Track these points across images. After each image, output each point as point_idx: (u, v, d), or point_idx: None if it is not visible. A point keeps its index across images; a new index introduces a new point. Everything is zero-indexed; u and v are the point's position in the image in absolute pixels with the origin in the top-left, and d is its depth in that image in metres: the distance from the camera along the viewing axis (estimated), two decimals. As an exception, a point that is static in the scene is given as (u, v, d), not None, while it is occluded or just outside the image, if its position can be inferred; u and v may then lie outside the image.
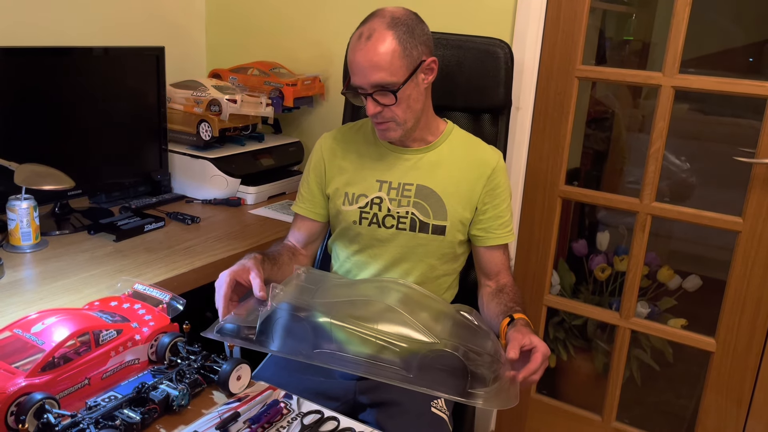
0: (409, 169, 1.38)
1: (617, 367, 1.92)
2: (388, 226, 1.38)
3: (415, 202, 1.37)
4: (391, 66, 1.24)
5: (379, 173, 1.40)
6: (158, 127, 1.91)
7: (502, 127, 1.59)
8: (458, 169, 1.38)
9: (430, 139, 1.39)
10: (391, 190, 1.38)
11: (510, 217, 1.41)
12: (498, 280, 1.40)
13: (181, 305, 1.23)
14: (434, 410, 1.25)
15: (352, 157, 1.43)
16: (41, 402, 0.94)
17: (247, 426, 1.00)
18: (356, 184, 1.41)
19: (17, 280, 1.37)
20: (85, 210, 1.81)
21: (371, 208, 1.39)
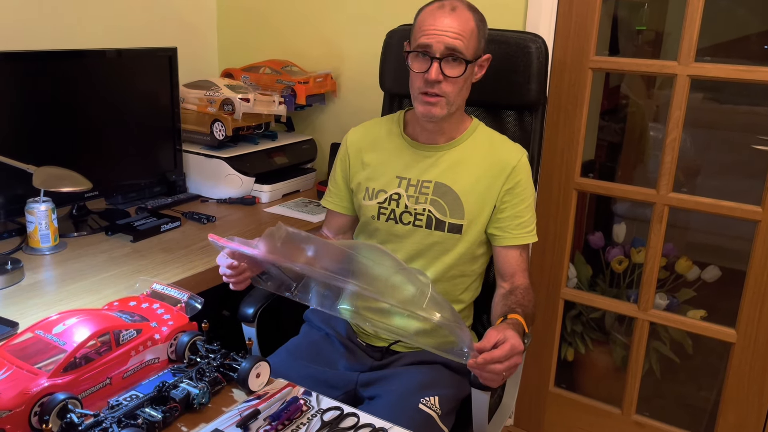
0: (429, 167, 1.38)
1: (636, 359, 1.90)
2: (405, 222, 1.38)
3: (433, 199, 1.36)
4: (470, 40, 1.28)
5: (400, 169, 1.40)
6: (172, 128, 1.92)
7: (536, 125, 1.52)
8: (478, 167, 1.36)
9: (455, 135, 1.38)
10: (409, 186, 1.38)
11: (531, 218, 1.38)
12: (513, 282, 1.37)
13: (199, 304, 1.23)
14: (421, 406, 1.24)
15: (376, 152, 1.44)
16: (64, 402, 0.95)
17: (267, 423, 1.00)
18: (377, 180, 1.42)
19: (37, 282, 1.39)
20: (102, 211, 1.83)
21: (389, 203, 1.39)
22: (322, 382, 1.35)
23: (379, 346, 1.44)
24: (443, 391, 1.29)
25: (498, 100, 1.55)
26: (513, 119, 1.56)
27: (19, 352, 1.04)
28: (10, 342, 1.06)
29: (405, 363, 1.38)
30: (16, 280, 1.37)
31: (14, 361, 1.01)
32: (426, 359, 1.37)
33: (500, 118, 1.57)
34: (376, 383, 1.34)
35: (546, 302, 1.99)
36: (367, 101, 2.13)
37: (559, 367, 2.09)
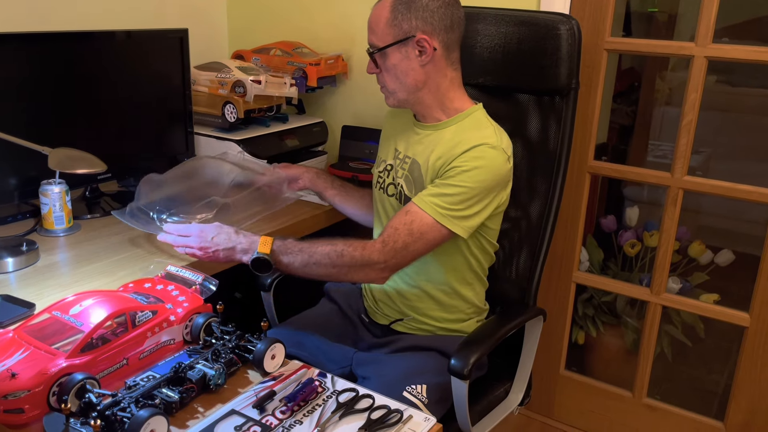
0: (414, 143, 1.39)
1: (648, 343, 1.90)
2: (389, 194, 1.42)
3: (406, 175, 1.38)
4: (378, 30, 1.31)
5: (398, 142, 1.44)
6: (183, 110, 1.91)
7: (568, 111, 1.45)
8: (448, 147, 1.32)
9: (442, 117, 1.37)
10: (396, 159, 1.42)
11: (450, 201, 1.26)
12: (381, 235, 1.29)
13: (214, 286, 1.24)
14: (406, 394, 1.25)
15: (393, 123, 1.49)
16: (82, 382, 0.96)
17: (283, 404, 1.01)
18: (384, 149, 1.49)
19: (52, 264, 1.39)
20: (115, 193, 1.83)
21: (383, 173, 1.45)
22: (323, 354, 1.40)
23: (380, 324, 1.47)
24: (433, 379, 1.28)
25: (525, 85, 1.51)
26: (541, 104, 1.50)
27: (36, 332, 1.04)
28: (28, 323, 1.07)
29: (400, 347, 1.40)
30: (31, 262, 1.37)
31: (32, 342, 1.02)
32: (422, 345, 1.38)
33: (527, 103, 1.52)
34: (369, 364, 1.36)
35: (558, 286, 1.99)
36: (379, 82, 2.11)
37: (570, 350, 2.09)
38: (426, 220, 1.27)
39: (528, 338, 1.44)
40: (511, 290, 1.50)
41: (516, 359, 1.47)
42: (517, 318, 1.39)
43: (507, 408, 1.42)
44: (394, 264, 1.29)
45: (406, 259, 1.29)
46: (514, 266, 1.52)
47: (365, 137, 2.14)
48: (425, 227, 1.27)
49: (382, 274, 1.29)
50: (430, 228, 1.27)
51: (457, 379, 1.22)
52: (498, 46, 1.49)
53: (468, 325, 1.43)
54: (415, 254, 1.29)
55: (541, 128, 1.48)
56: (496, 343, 1.29)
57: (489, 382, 1.45)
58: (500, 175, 1.30)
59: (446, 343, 1.38)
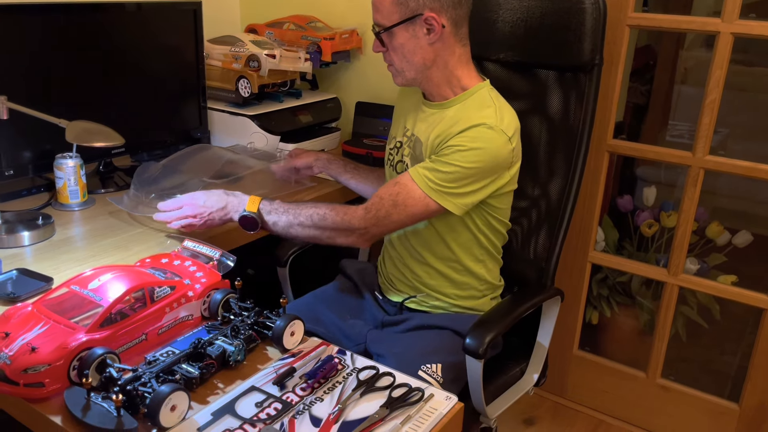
0: (420, 121, 1.37)
1: (664, 323, 1.89)
2: (399, 171, 1.41)
3: (412, 153, 1.37)
4: (383, 9, 1.28)
5: (408, 120, 1.42)
6: (197, 85, 1.89)
7: (591, 88, 1.41)
8: (447, 125, 1.29)
9: (449, 95, 1.34)
10: (405, 136, 1.40)
11: (443, 177, 1.24)
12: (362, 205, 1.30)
13: (232, 262, 1.23)
14: (421, 373, 1.24)
15: (405, 100, 1.47)
16: (103, 357, 0.96)
17: (303, 381, 1.00)
18: (395, 126, 1.47)
19: (68, 238, 1.38)
20: (128, 168, 1.82)
21: (393, 151, 1.44)
22: (339, 331, 1.41)
23: (394, 301, 1.47)
24: (448, 358, 1.28)
25: (547, 60, 1.47)
26: (563, 81, 1.46)
27: (55, 306, 1.04)
28: (46, 297, 1.06)
29: (413, 326, 1.39)
30: (47, 236, 1.37)
31: (51, 316, 1.01)
32: (435, 324, 1.37)
33: (548, 80, 1.48)
34: (383, 342, 1.35)
35: (573, 265, 1.97)
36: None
37: (583, 330, 2.08)
38: (414, 193, 1.26)
39: (545, 318, 1.43)
40: (529, 270, 1.49)
41: (532, 339, 1.46)
42: (534, 298, 1.37)
43: (522, 388, 1.42)
44: (376, 231, 1.30)
45: (388, 228, 1.31)
46: (532, 246, 1.50)
47: (379, 114, 2.11)
48: (411, 200, 1.27)
49: (361, 240, 1.31)
50: (417, 201, 1.27)
51: (472, 358, 1.21)
52: (520, 20, 1.45)
53: (482, 303, 1.42)
54: (397, 224, 1.30)
55: (563, 105, 1.45)
56: (512, 323, 1.28)
57: (504, 361, 1.44)
58: (499, 157, 1.26)
59: (460, 322, 1.37)
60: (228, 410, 0.93)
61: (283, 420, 0.92)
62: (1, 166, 1.46)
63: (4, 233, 1.32)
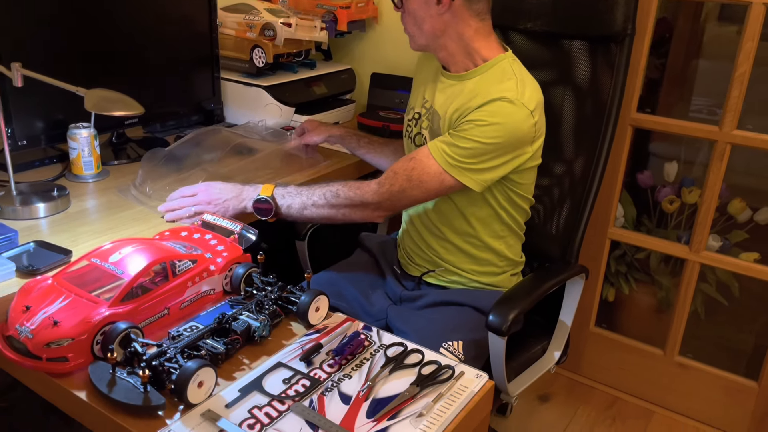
0: (440, 92, 1.34)
1: (683, 301, 1.86)
2: (417, 144, 1.38)
3: (430, 126, 1.34)
4: None
5: (427, 90, 1.38)
6: (210, 54, 1.85)
7: (621, 60, 1.36)
8: (467, 99, 1.26)
9: (469, 66, 1.30)
10: (423, 108, 1.37)
11: (461, 153, 1.21)
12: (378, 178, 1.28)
13: (254, 235, 1.20)
14: (443, 350, 1.22)
15: (425, 69, 1.43)
16: (127, 331, 0.94)
17: (330, 357, 0.98)
18: (414, 97, 1.44)
19: (83, 210, 1.36)
20: (140, 140, 1.78)
21: (411, 122, 1.40)
22: (360, 306, 1.40)
23: (413, 275, 1.45)
24: (469, 335, 1.26)
25: (576, 30, 1.41)
26: (593, 52, 1.40)
27: (76, 279, 1.02)
28: (66, 270, 1.04)
29: (432, 302, 1.37)
30: (62, 208, 1.34)
31: (72, 289, 0.99)
32: (454, 300, 1.35)
33: (577, 51, 1.43)
34: (404, 318, 1.34)
35: (592, 242, 1.94)
36: (411, 28, 2.03)
37: (600, 307, 2.06)
38: (430, 168, 1.23)
39: (568, 296, 1.41)
40: (552, 246, 1.46)
41: (554, 316, 1.44)
42: (559, 275, 1.35)
43: (543, 366, 1.40)
44: (389, 206, 1.28)
45: (401, 203, 1.29)
46: (555, 222, 1.47)
47: (395, 85, 2.07)
48: (426, 176, 1.24)
49: (375, 214, 1.29)
50: (432, 176, 1.24)
51: (495, 335, 1.19)
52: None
53: (501, 280, 1.40)
54: (411, 200, 1.28)
55: (592, 78, 1.40)
56: (535, 301, 1.26)
57: (525, 339, 1.42)
58: (519, 131, 1.22)
59: (480, 299, 1.35)
60: (255, 387, 0.91)
61: (312, 397, 0.90)
62: (14, 136, 1.43)
63: (18, 204, 1.29)
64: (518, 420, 1.94)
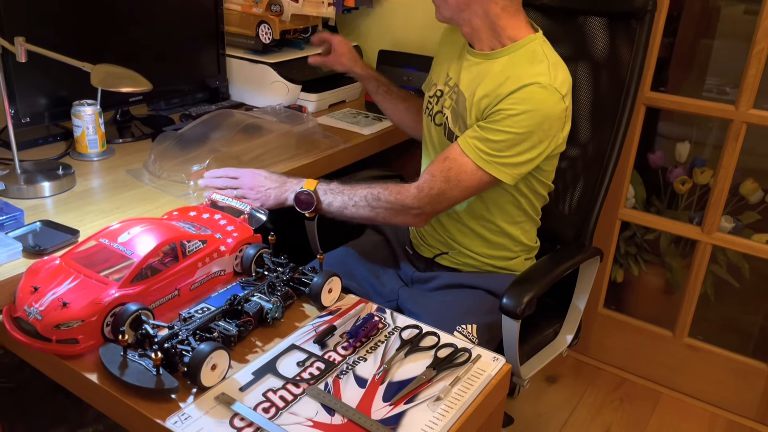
0: (466, 71, 1.29)
1: (694, 282, 1.85)
2: (437, 123, 1.35)
3: (453, 106, 1.30)
4: None
5: (451, 67, 1.34)
6: (215, 30, 1.80)
7: (642, 36, 1.31)
8: (495, 83, 1.20)
9: (496, 46, 1.25)
10: (447, 85, 1.32)
11: (496, 152, 1.17)
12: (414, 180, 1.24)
13: (264, 216, 1.18)
14: (456, 334, 1.20)
15: (449, 43, 1.38)
16: (137, 313, 0.92)
17: (345, 340, 0.96)
18: (437, 71, 1.39)
19: (89, 189, 1.33)
20: (145, 118, 1.75)
21: (433, 99, 1.36)
22: (371, 287, 1.38)
23: (425, 257, 1.43)
24: (482, 319, 1.24)
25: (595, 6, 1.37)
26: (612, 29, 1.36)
27: (84, 260, 1.00)
28: (74, 250, 1.02)
29: (445, 284, 1.35)
30: (68, 187, 1.31)
31: (81, 270, 0.97)
32: (467, 283, 1.34)
33: (595, 27, 1.38)
34: (415, 300, 1.32)
35: (602, 223, 1.92)
36: (419, 2, 1.98)
37: (608, 288, 2.05)
38: (466, 166, 1.19)
39: (582, 279, 1.39)
40: (566, 228, 1.44)
41: (566, 299, 1.42)
42: (573, 258, 1.33)
43: (556, 349, 1.38)
44: (430, 210, 1.24)
45: (442, 206, 1.25)
46: (569, 202, 1.44)
47: (404, 63, 2.02)
48: (463, 174, 1.20)
49: (417, 219, 1.26)
50: (470, 175, 1.20)
51: (508, 318, 1.17)
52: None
53: (515, 264, 1.38)
54: (451, 200, 1.24)
55: (610, 55, 1.36)
56: (550, 284, 1.24)
57: (537, 321, 1.41)
58: (552, 117, 1.18)
59: (493, 282, 1.33)
60: (269, 369, 0.90)
61: (327, 380, 0.88)
62: (17, 114, 1.39)
63: (23, 183, 1.27)
64: (526, 401, 1.93)
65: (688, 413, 1.92)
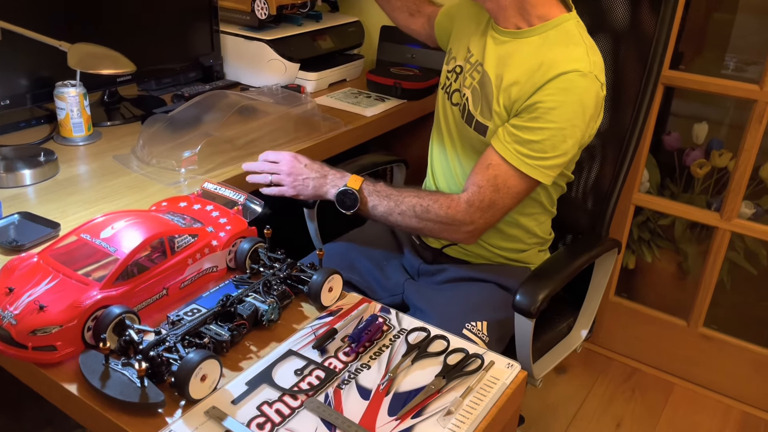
0: (491, 49, 1.18)
1: (711, 270, 1.77)
2: (454, 103, 1.25)
3: (474, 87, 1.19)
4: None
5: (472, 40, 1.23)
6: (209, 5, 1.71)
7: (666, 16, 1.21)
8: (522, 65, 1.11)
9: (522, 25, 1.14)
10: (468, 62, 1.22)
11: (537, 147, 1.08)
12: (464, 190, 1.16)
13: (260, 207, 1.10)
14: (466, 332, 1.13)
15: (468, 16, 1.27)
16: (121, 317, 0.84)
17: (347, 345, 0.89)
18: (456, 44, 1.28)
19: (73, 177, 1.25)
20: (135, 98, 1.66)
21: (451, 75, 1.26)
22: (374, 280, 1.31)
23: (432, 247, 1.34)
24: (493, 315, 1.17)
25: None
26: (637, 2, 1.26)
27: (64, 257, 0.92)
28: (54, 246, 0.94)
29: (453, 277, 1.28)
30: (50, 174, 1.23)
31: (60, 269, 0.89)
32: (477, 277, 1.26)
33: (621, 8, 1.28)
34: (422, 295, 1.25)
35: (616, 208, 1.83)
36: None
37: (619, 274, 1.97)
38: (512, 171, 1.10)
39: (598, 271, 1.31)
40: (581, 218, 1.36)
41: (580, 291, 1.35)
42: (591, 251, 1.25)
43: (569, 346, 1.31)
44: (483, 224, 1.15)
45: (495, 217, 1.15)
46: (584, 190, 1.36)
47: (407, 39, 1.91)
48: (512, 179, 1.11)
49: (470, 236, 1.16)
50: (518, 180, 1.11)
51: (521, 316, 1.09)
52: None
53: (528, 256, 1.30)
54: (504, 210, 1.14)
55: (631, 32, 1.27)
56: (566, 280, 1.16)
57: (550, 316, 1.34)
58: (592, 107, 1.08)
59: (505, 275, 1.25)
60: (264, 379, 0.82)
61: (327, 391, 0.81)
62: (-5, 96, 1.31)
63: (2, 171, 1.19)
64: (534, 393, 1.87)
65: (702, 405, 1.86)
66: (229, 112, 1.40)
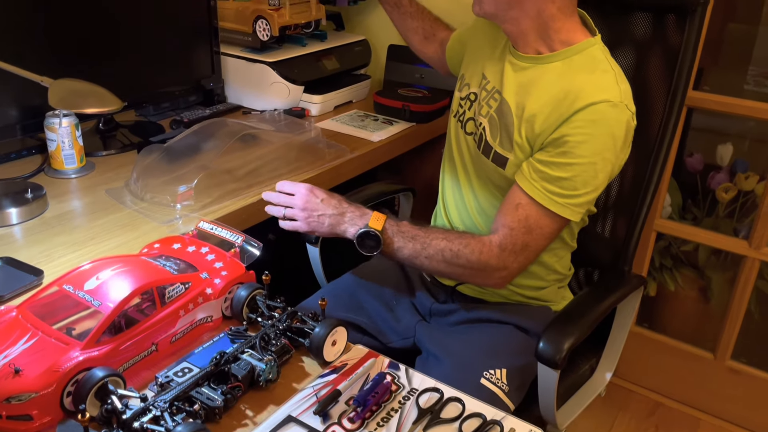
0: (509, 76, 1.10)
1: (739, 301, 1.68)
2: (468, 132, 1.18)
3: (491, 116, 1.11)
4: None
5: (487, 65, 1.16)
6: (209, 26, 1.64)
7: (692, 31, 1.15)
8: (551, 96, 1.04)
9: (543, 51, 1.07)
10: (483, 89, 1.14)
11: (566, 184, 1.01)
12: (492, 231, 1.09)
13: (258, 250, 1.02)
14: (484, 381, 1.05)
15: (482, 38, 1.21)
16: (103, 381, 0.76)
17: (352, 409, 0.81)
18: (469, 69, 1.21)
19: (63, 214, 1.18)
20: (132, 125, 1.60)
21: (465, 102, 1.19)
22: (384, 322, 1.23)
23: (445, 285, 1.26)
24: (512, 361, 1.08)
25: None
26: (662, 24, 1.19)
27: (42, 309, 0.84)
28: (35, 298, 0.87)
29: (469, 318, 1.19)
30: (38, 212, 1.16)
31: (39, 325, 0.82)
32: (493, 318, 1.17)
33: (641, 22, 1.21)
34: (435, 339, 1.16)
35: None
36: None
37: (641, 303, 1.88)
38: (542, 210, 1.04)
39: (623, 311, 1.22)
40: (602, 251, 1.27)
41: (602, 327, 1.26)
42: (617, 291, 1.16)
43: (594, 389, 1.23)
44: (516, 268, 1.07)
45: (529, 260, 1.08)
46: (605, 222, 1.28)
47: (416, 59, 1.82)
48: (543, 220, 1.04)
49: (502, 281, 1.10)
50: (550, 220, 1.04)
51: (544, 366, 1.01)
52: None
53: (547, 293, 1.21)
54: (537, 252, 1.07)
55: (655, 54, 1.19)
56: (593, 326, 1.07)
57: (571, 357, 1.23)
58: (623, 138, 1.01)
59: (524, 316, 1.17)
60: (261, 452, 0.74)
61: (330, 466, 0.73)
62: (-18, 128, 1.24)
63: (-13, 209, 1.12)
64: (551, 428, 1.78)
65: (730, 442, 1.77)
66: (228, 142, 1.33)
